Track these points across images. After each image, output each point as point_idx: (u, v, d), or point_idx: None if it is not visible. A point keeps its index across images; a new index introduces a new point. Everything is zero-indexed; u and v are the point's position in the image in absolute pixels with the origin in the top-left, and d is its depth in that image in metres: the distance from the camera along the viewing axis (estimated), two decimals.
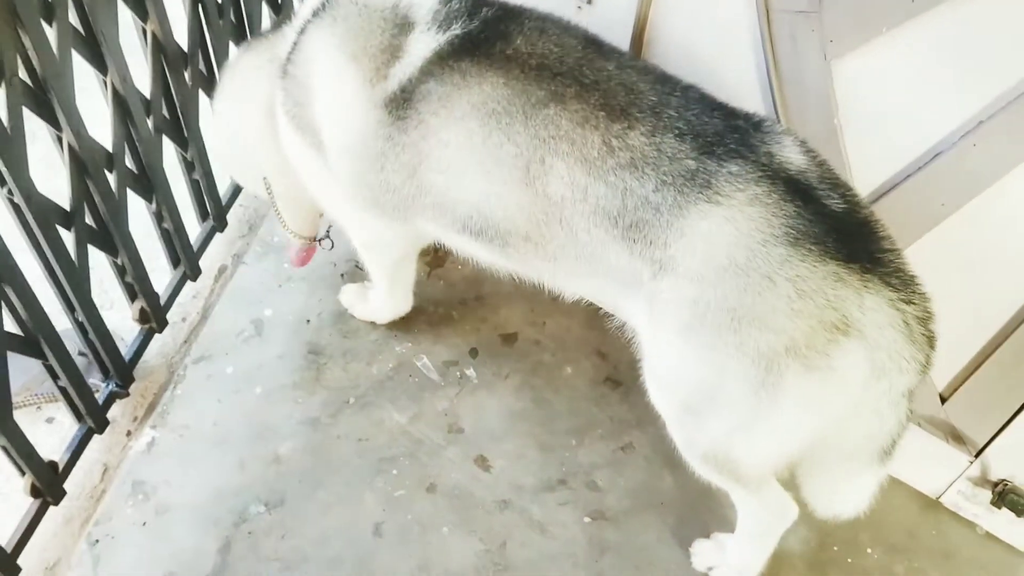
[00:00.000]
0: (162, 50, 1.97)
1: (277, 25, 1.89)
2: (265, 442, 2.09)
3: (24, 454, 1.82)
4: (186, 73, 2.07)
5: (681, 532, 2.00)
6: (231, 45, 2.23)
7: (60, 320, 1.85)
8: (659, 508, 2.04)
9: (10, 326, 1.72)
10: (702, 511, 2.03)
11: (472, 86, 1.55)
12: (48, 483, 1.91)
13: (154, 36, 1.94)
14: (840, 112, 1.60)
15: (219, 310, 2.31)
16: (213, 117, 1.98)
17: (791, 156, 1.45)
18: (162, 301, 2.21)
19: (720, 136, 1.45)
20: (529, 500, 2.03)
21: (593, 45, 1.58)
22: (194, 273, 2.32)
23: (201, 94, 2.15)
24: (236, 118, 1.93)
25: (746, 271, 1.39)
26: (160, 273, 2.21)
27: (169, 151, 2.12)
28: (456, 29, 1.58)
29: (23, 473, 1.87)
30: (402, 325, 2.28)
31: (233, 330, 2.26)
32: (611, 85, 1.50)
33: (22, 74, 1.58)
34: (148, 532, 1.95)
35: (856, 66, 1.55)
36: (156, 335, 2.24)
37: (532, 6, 1.66)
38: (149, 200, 2.09)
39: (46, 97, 1.66)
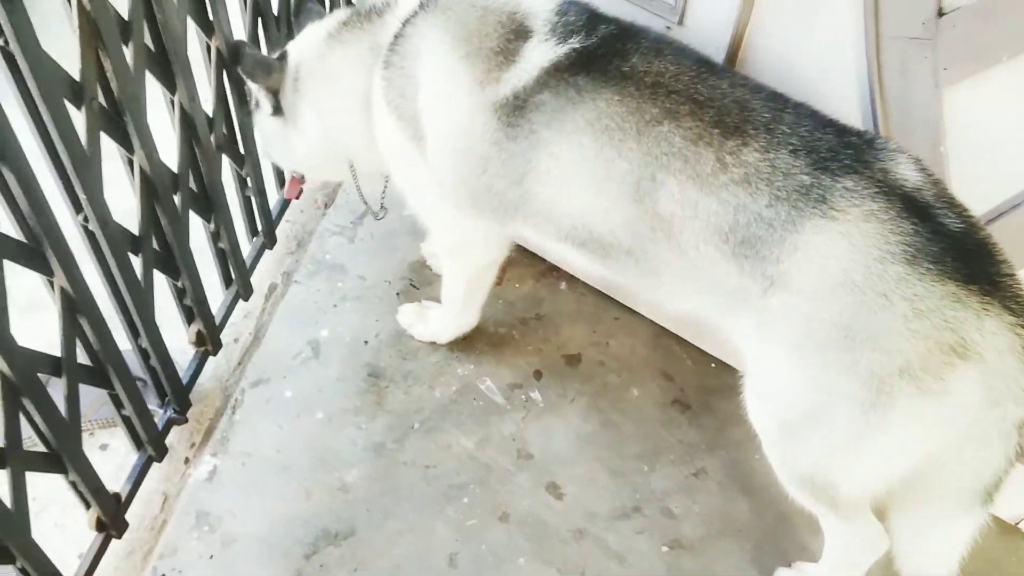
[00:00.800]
0: (225, 65, 1.91)
1: (367, 13, 1.82)
2: (330, 469, 2.03)
3: (92, 488, 1.75)
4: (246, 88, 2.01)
5: (760, 560, 1.96)
6: None
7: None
8: (736, 535, 1.99)
9: (81, 357, 1.65)
10: (781, 539, 1.99)
11: (587, 101, 1.53)
12: (112, 516, 1.85)
13: (219, 52, 1.87)
14: (947, 139, 1.56)
15: (273, 331, 2.25)
16: (297, 106, 1.91)
17: (907, 173, 1.42)
18: (216, 322, 2.14)
19: (834, 152, 1.43)
20: (604, 528, 1.98)
21: (707, 65, 1.56)
22: (247, 292, 2.26)
23: None
24: (331, 104, 1.88)
25: (861, 288, 1.36)
26: (209, 292, 2.14)
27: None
28: (574, 43, 1.56)
29: (88, 506, 1.81)
30: (462, 346, 2.22)
31: (289, 352, 2.20)
32: (725, 103, 1.49)
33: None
34: (216, 566, 1.89)
35: (969, 94, 1.51)
36: (210, 357, 2.17)
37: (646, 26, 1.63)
38: (208, 220, 2.02)
39: (121, 120, 1.59)
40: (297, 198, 2.30)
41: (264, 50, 2.08)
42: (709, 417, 2.15)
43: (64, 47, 1.42)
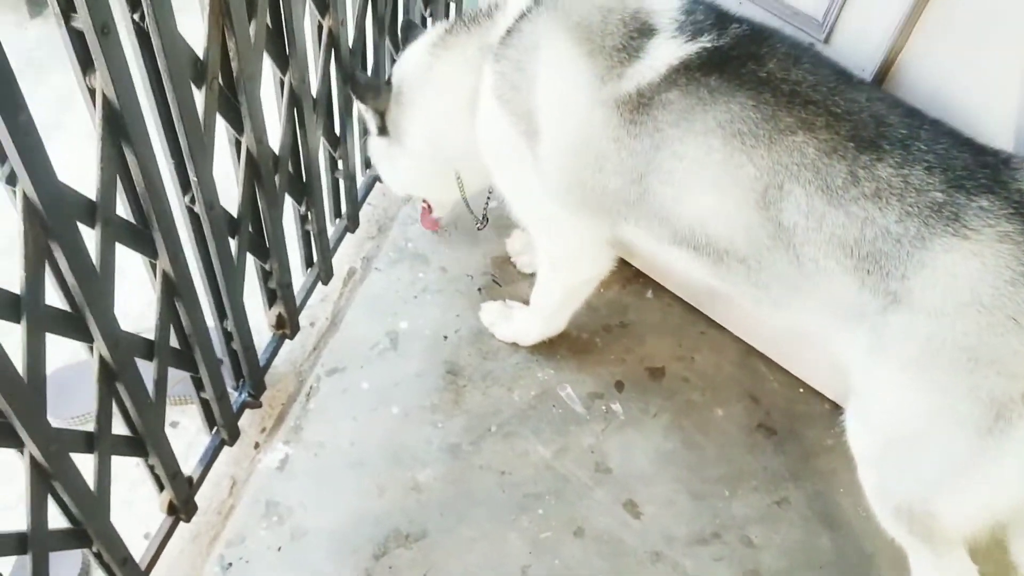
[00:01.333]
0: (335, 45, 1.84)
1: (472, 17, 1.77)
2: (404, 467, 1.98)
3: (170, 473, 1.71)
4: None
5: None
6: (390, 45, 2.11)
7: None
8: (818, 571, 1.93)
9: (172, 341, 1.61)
10: None
11: (719, 103, 1.47)
12: (184, 500, 1.81)
13: (330, 33, 1.80)
14: None
15: (351, 318, 2.19)
16: (401, 122, 1.89)
17: None
18: (296, 305, 2.09)
19: (970, 171, 1.37)
20: (682, 553, 1.92)
21: (844, 76, 1.50)
22: (328, 276, 2.20)
23: None
24: (435, 111, 1.84)
25: (990, 309, 1.31)
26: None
27: None
28: (705, 41, 1.50)
29: (161, 489, 1.77)
30: (544, 350, 2.16)
31: (367, 341, 2.15)
32: (862, 117, 1.43)
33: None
34: (284, 558, 1.84)
35: None
36: (285, 341, 2.12)
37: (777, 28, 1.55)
38: (300, 202, 1.96)
39: (236, 100, 1.53)
40: (435, 230, 2.27)
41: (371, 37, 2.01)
42: (795, 444, 2.09)
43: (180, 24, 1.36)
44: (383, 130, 1.93)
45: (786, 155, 1.43)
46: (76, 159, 1.38)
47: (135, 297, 1.97)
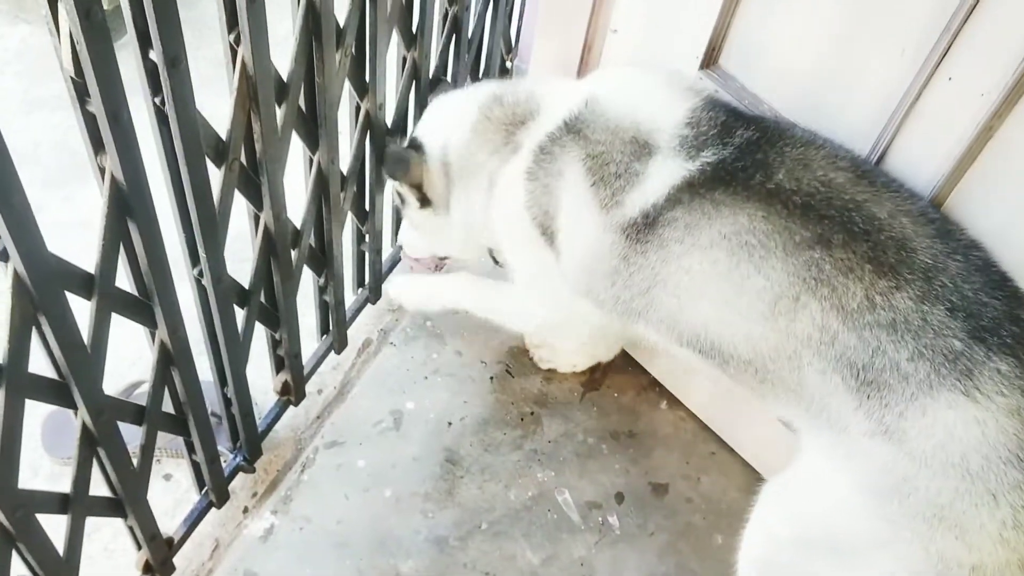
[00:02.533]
0: (371, 126, 1.84)
1: (511, 113, 1.74)
2: (388, 555, 1.94)
3: (148, 535, 1.70)
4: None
5: None
6: None
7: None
8: None
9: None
10: None
11: (725, 216, 1.43)
12: (162, 561, 1.79)
13: (367, 115, 1.81)
14: None
15: (359, 391, 2.17)
16: (452, 196, 1.87)
17: None
18: (305, 372, 2.08)
19: (997, 323, 1.30)
20: None
21: (864, 180, 1.43)
22: (341, 346, 2.19)
23: None
24: (477, 195, 1.82)
25: (974, 479, 1.26)
26: (303, 338, 2.07)
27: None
28: (708, 156, 1.47)
29: (139, 548, 1.75)
30: (547, 449, 2.12)
31: (370, 418, 2.12)
32: (881, 238, 1.36)
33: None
34: None
35: None
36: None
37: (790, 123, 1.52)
38: (319, 275, 1.96)
39: (256, 179, 1.53)
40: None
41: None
42: None
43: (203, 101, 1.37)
44: (425, 201, 1.89)
45: (802, 269, 1.38)
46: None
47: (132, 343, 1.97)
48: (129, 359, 2.09)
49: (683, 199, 1.47)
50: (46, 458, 2.04)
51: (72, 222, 1.85)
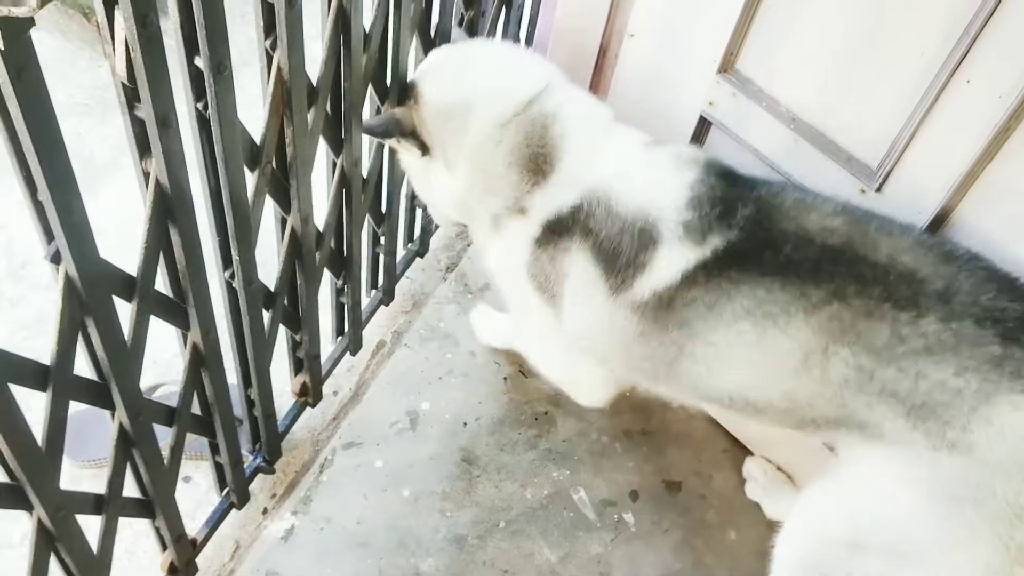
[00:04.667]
0: None
1: (542, 144, 1.61)
2: (408, 554, 1.96)
3: (175, 535, 1.71)
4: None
5: None
6: None
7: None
8: None
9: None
10: None
11: (744, 293, 1.45)
12: (187, 561, 1.80)
13: None
14: None
15: (374, 392, 2.19)
16: (458, 160, 1.68)
17: None
18: (322, 373, 2.09)
19: (1022, 322, 1.35)
20: None
21: (859, 231, 1.46)
22: (357, 347, 2.21)
23: None
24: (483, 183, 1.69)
25: None
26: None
27: None
28: (715, 240, 1.48)
29: (164, 549, 1.76)
30: (562, 448, 2.14)
31: (387, 418, 2.14)
32: (890, 280, 1.40)
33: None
34: None
35: None
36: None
37: (782, 182, 1.55)
38: (338, 276, 1.97)
39: (286, 182, 1.55)
40: None
41: None
42: None
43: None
44: (425, 149, 1.71)
45: (825, 323, 1.41)
46: (128, 199, 1.40)
47: (165, 345, 1.99)
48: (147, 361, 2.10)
49: (698, 279, 1.48)
50: (67, 461, 2.04)
51: None
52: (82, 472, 2.04)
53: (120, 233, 1.67)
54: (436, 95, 1.67)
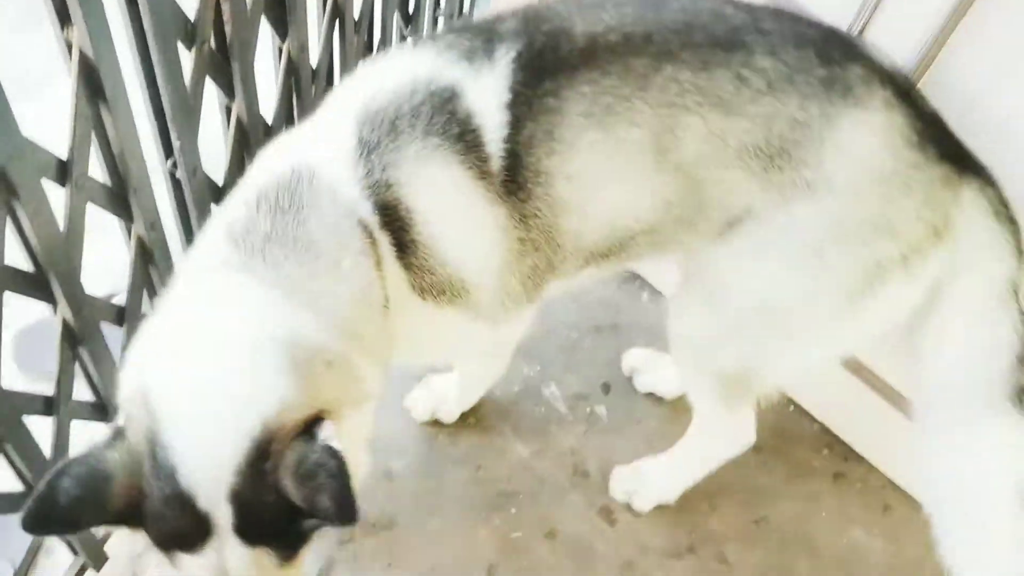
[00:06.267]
0: (340, 15, 1.78)
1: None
2: (379, 455, 1.91)
3: None
4: (355, 40, 1.88)
5: None
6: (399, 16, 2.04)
7: None
8: None
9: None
10: None
11: (569, 97, 1.28)
12: None
13: (335, 2, 1.74)
14: None
15: None
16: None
17: (881, 57, 1.35)
18: None
19: (826, 40, 1.33)
20: (654, 564, 1.88)
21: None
22: None
23: None
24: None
25: (890, 178, 1.30)
26: None
27: None
28: (502, 57, 1.29)
29: None
30: (530, 346, 2.11)
31: None
32: (702, 20, 1.31)
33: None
34: None
35: None
36: None
37: None
38: None
39: (228, 65, 1.47)
40: None
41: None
42: (780, 463, 2.04)
43: None
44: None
45: (665, 92, 1.29)
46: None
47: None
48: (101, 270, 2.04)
49: (521, 112, 1.28)
50: (20, 376, 1.99)
51: None
52: (37, 387, 1.98)
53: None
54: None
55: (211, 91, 1.49)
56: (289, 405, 1.05)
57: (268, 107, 1.66)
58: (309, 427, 1.04)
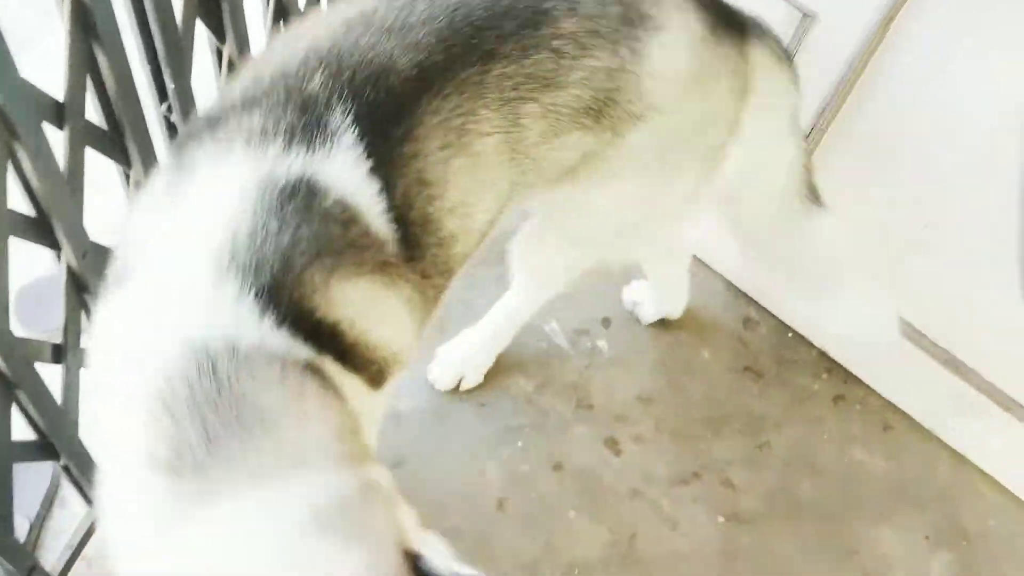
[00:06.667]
0: None
1: None
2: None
3: None
4: None
5: (818, 545, 1.89)
6: None
7: None
8: (796, 517, 1.92)
9: None
10: (841, 526, 1.92)
11: (424, 136, 1.21)
12: None
13: None
14: None
15: None
16: None
17: None
18: None
19: None
20: (660, 492, 1.91)
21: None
22: None
23: None
24: None
25: (702, 77, 1.37)
26: None
27: None
28: (339, 124, 1.14)
29: None
30: None
31: None
32: (503, 5, 1.25)
33: None
34: None
35: None
36: None
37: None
38: None
39: (218, 7, 1.47)
40: None
41: None
42: (781, 389, 2.06)
43: None
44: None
45: (500, 93, 1.25)
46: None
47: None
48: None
49: (388, 173, 1.17)
50: (25, 331, 1.99)
51: None
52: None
53: None
54: None
55: (202, 36, 1.49)
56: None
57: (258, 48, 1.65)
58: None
